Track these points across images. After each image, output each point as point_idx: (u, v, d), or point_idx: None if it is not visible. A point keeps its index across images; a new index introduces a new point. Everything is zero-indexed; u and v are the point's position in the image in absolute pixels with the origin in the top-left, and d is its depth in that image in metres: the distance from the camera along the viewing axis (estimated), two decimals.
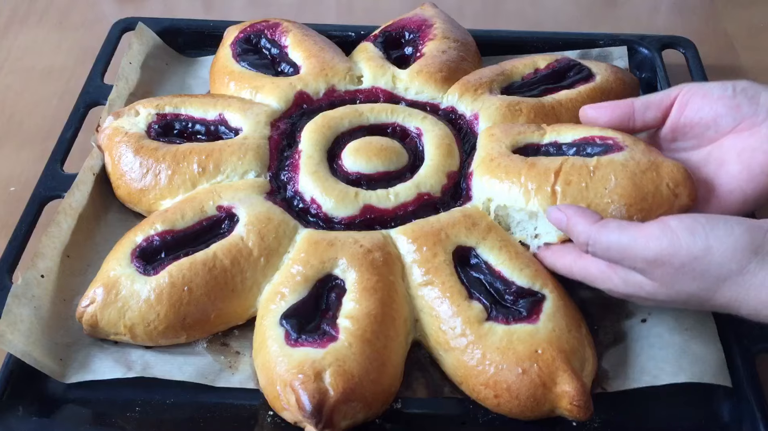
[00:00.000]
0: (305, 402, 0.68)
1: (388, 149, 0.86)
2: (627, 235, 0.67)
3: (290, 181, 0.86)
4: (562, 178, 0.78)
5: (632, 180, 0.76)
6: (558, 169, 0.78)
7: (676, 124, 0.81)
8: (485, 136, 0.87)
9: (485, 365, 0.72)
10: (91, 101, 0.99)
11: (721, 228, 0.64)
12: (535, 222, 0.79)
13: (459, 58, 0.97)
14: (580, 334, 0.74)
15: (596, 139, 0.82)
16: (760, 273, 0.63)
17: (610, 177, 0.77)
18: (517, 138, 0.84)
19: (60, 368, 0.75)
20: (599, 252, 0.70)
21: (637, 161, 0.78)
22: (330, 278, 0.78)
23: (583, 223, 0.71)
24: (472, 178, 0.83)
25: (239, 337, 0.79)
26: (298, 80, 0.95)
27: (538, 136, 0.84)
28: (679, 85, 0.82)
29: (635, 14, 1.29)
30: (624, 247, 0.68)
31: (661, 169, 0.77)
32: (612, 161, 0.78)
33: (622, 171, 0.77)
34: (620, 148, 0.80)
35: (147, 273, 0.78)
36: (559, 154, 0.82)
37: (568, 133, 0.84)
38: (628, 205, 0.76)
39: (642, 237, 0.66)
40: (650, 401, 0.75)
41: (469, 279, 0.77)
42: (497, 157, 0.82)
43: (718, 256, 0.63)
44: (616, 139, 0.81)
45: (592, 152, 0.81)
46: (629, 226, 0.68)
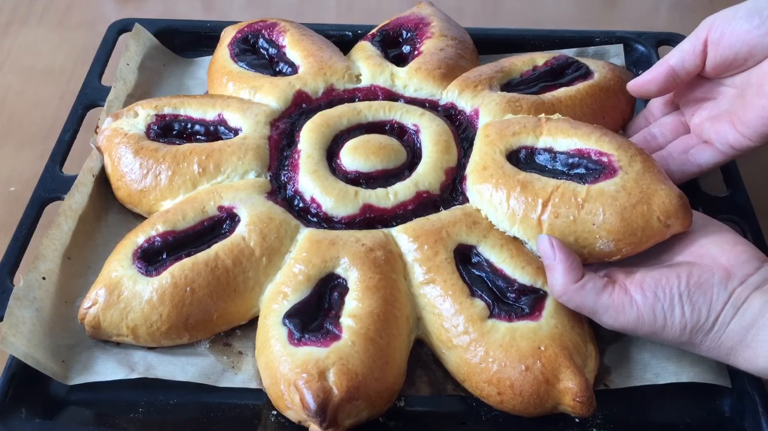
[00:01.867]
0: (309, 401, 0.68)
1: (386, 147, 0.86)
2: (601, 303, 0.71)
3: (290, 181, 0.86)
4: (550, 209, 0.77)
5: (621, 215, 0.75)
6: (547, 198, 0.77)
7: (714, 62, 0.83)
8: (481, 136, 0.86)
9: (488, 362, 0.72)
10: (89, 102, 0.99)
11: (677, 309, 0.70)
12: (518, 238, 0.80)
13: (457, 55, 0.98)
14: (583, 331, 0.75)
15: (591, 153, 0.80)
16: (705, 344, 0.71)
17: (598, 211, 0.75)
18: (511, 140, 0.83)
19: (62, 370, 0.75)
20: (570, 306, 0.73)
21: (628, 192, 0.75)
22: (332, 277, 0.78)
23: (565, 278, 0.72)
24: (465, 182, 0.84)
25: (242, 337, 0.79)
26: (296, 80, 0.95)
27: (533, 138, 0.83)
28: (703, 24, 0.83)
29: (635, 14, 1.29)
30: (596, 313, 0.72)
31: (652, 202, 0.75)
32: (602, 193, 0.76)
33: (611, 205, 0.75)
34: (614, 170, 0.78)
35: (149, 274, 0.77)
36: (552, 168, 0.81)
37: (564, 139, 0.82)
38: (617, 239, 0.75)
39: (612, 310, 0.71)
40: (652, 397, 0.75)
41: (471, 277, 0.77)
42: (491, 166, 0.82)
43: (671, 333, 0.71)
44: (612, 157, 0.79)
45: (584, 174, 0.79)
46: (603, 293, 0.72)
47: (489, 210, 0.80)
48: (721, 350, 0.70)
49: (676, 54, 0.84)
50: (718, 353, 0.71)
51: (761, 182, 0.96)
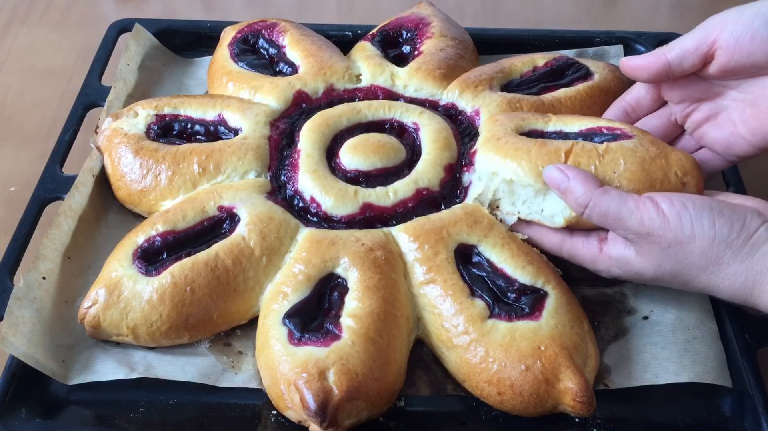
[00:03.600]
0: (309, 401, 0.68)
1: (386, 145, 0.86)
2: (626, 207, 0.71)
3: (290, 180, 0.86)
4: (571, 158, 0.78)
5: (641, 165, 0.77)
6: (569, 149, 0.78)
7: (725, 66, 0.80)
8: (489, 122, 0.87)
9: (488, 362, 0.72)
10: (89, 103, 0.99)
11: (706, 219, 0.69)
12: (542, 200, 0.79)
13: (457, 55, 0.98)
14: (583, 330, 0.75)
15: (603, 129, 0.82)
16: (732, 265, 0.69)
17: (619, 161, 0.77)
18: (521, 123, 0.85)
19: (62, 370, 0.75)
20: (595, 215, 0.73)
21: (646, 148, 0.78)
22: (332, 277, 0.78)
23: (586, 186, 0.73)
24: (475, 155, 0.84)
25: (242, 337, 0.79)
26: (296, 80, 0.95)
27: (543, 123, 0.85)
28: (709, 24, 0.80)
29: (635, 14, 1.29)
30: (621, 217, 0.71)
31: (669, 157, 0.78)
32: (621, 146, 0.78)
33: (632, 156, 0.77)
34: (628, 136, 0.80)
35: (149, 274, 0.77)
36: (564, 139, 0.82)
37: (574, 123, 0.84)
38: (636, 189, 0.76)
39: (638, 212, 0.71)
40: (653, 397, 0.75)
41: (471, 277, 0.77)
42: (503, 136, 0.82)
43: (699, 245, 0.69)
44: (624, 129, 0.82)
45: (600, 140, 0.81)
46: (629, 198, 0.72)
47: (507, 169, 0.80)
48: (747, 278, 0.68)
49: (677, 50, 0.82)
50: (742, 282, 0.69)
51: (761, 184, 0.96)
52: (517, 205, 0.81)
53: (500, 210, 0.81)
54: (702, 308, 0.80)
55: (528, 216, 0.80)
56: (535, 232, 0.80)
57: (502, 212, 0.81)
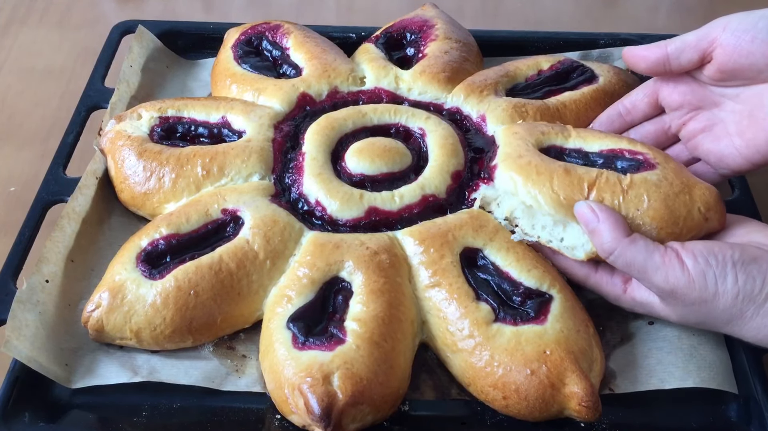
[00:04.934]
0: (314, 406, 0.68)
1: (392, 150, 0.86)
2: (652, 262, 0.70)
3: (294, 183, 0.85)
4: (595, 192, 0.76)
5: (665, 202, 0.75)
6: (592, 181, 0.77)
7: (723, 67, 0.79)
8: (507, 134, 0.85)
9: (493, 366, 0.72)
10: (92, 105, 0.98)
11: (729, 276, 0.69)
12: (561, 230, 0.77)
13: (461, 58, 0.98)
14: (588, 335, 0.74)
15: (625, 152, 0.81)
16: (756, 319, 0.69)
17: (643, 197, 0.76)
18: (541, 138, 0.83)
19: (66, 373, 0.75)
20: (620, 264, 0.72)
21: (670, 182, 0.76)
22: (336, 280, 0.77)
23: (615, 233, 0.72)
24: (495, 171, 0.82)
25: (245, 341, 0.79)
26: (300, 82, 0.95)
27: (563, 138, 0.83)
28: (714, 23, 0.80)
29: (635, 14, 1.29)
30: (646, 271, 0.71)
31: (693, 192, 0.76)
32: (645, 180, 0.77)
33: (656, 192, 0.76)
34: (652, 165, 0.79)
35: (152, 277, 0.77)
36: (585, 164, 0.81)
37: (594, 141, 0.82)
38: (659, 227, 0.75)
39: (663, 268, 0.70)
40: (658, 401, 0.75)
41: (477, 280, 0.77)
42: (525, 154, 0.80)
43: (722, 302, 0.69)
44: (647, 155, 0.80)
45: (622, 167, 0.80)
46: (655, 251, 0.71)
47: (527, 194, 0.78)
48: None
49: (677, 43, 0.81)
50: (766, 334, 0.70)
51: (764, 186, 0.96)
52: (536, 229, 0.78)
53: (519, 228, 0.79)
54: None
55: (548, 243, 0.78)
56: (561, 262, 0.79)
57: (521, 233, 0.79)
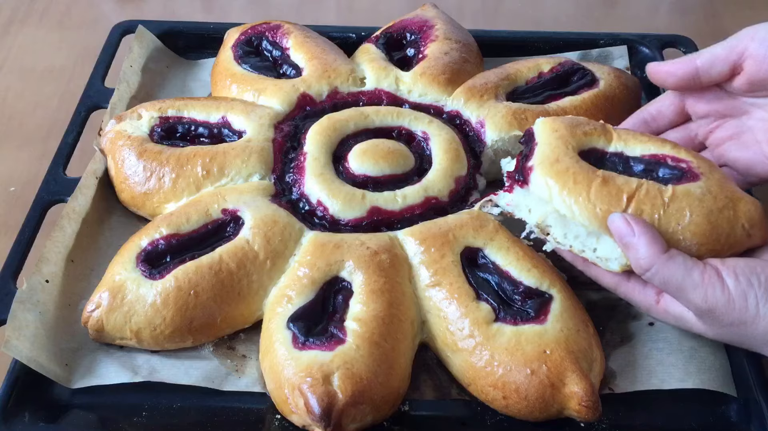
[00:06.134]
0: (314, 406, 0.68)
1: (396, 152, 0.86)
2: (690, 279, 0.68)
3: (296, 184, 0.85)
4: (634, 205, 0.72)
5: (708, 218, 0.71)
6: (632, 193, 0.72)
7: (755, 77, 0.78)
8: (547, 130, 0.78)
9: (493, 366, 0.72)
10: (92, 105, 0.98)
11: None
12: (595, 241, 0.73)
13: (461, 59, 0.97)
14: (588, 334, 0.74)
15: (668, 159, 0.76)
16: None
17: (685, 212, 0.71)
18: (583, 140, 0.78)
19: (66, 373, 0.75)
20: (656, 281, 0.70)
21: (714, 196, 0.72)
22: (337, 280, 0.78)
23: (651, 249, 0.69)
24: (531, 174, 0.76)
25: (245, 341, 0.79)
26: (300, 82, 0.95)
27: (604, 141, 0.78)
28: (742, 34, 0.78)
29: (635, 14, 1.29)
30: (684, 289, 0.68)
31: (738, 208, 0.72)
32: (688, 193, 0.72)
33: (699, 207, 0.71)
34: (695, 176, 0.74)
35: (152, 277, 0.77)
36: (626, 170, 0.76)
37: (636, 145, 0.77)
38: (700, 244, 0.71)
39: (702, 287, 0.68)
40: (658, 402, 0.75)
41: (477, 280, 0.77)
42: (564, 159, 0.75)
43: (763, 325, 0.67)
44: (691, 164, 0.75)
45: (664, 176, 0.75)
46: (693, 269, 0.68)
47: (563, 203, 0.74)
48: None
49: (706, 55, 0.79)
50: None
51: None
52: (569, 238, 0.74)
53: (550, 237, 0.75)
54: None
55: (580, 253, 0.74)
56: (591, 270, 0.76)
57: (553, 241, 0.75)
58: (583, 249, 0.74)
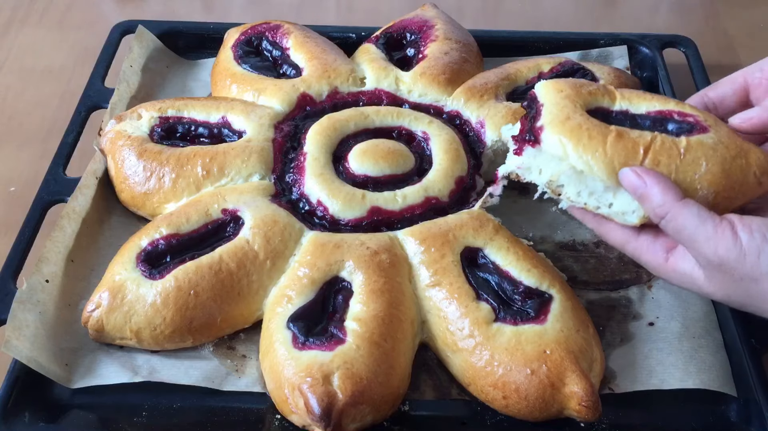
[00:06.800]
0: (314, 406, 0.68)
1: (396, 152, 0.86)
2: (704, 229, 0.66)
3: (296, 184, 0.85)
4: (650, 157, 0.71)
5: (722, 167, 0.71)
6: (647, 146, 0.71)
7: None
8: (552, 91, 0.76)
9: (493, 366, 0.72)
10: (92, 105, 0.98)
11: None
12: (611, 196, 0.72)
13: (461, 59, 0.97)
14: (588, 334, 0.74)
15: (674, 114, 0.75)
16: None
17: (700, 161, 0.71)
18: (588, 99, 0.76)
19: (66, 373, 0.75)
20: (670, 229, 0.68)
21: (726, 146, 0.72)
22: (337, 280, 0.78)
23: (665, 196, 0.68)
24: (542, 133, 0.74)
25: (245, 341, 0.79)
26: (300, 82, 0.95)
27: (609, 100, 0.77)
28: None
29: (635, 14, 1.29)
30: (696, 239, 0.66)
31: (749, 156, 0.72)
32: (702, 144, 0.71)
33: (713, 156, 0.71)
34: (704, 128, 0.73)
35: (152, 277, 0.77)
36: (633, 127, 0.75)
37: (641, 103, 0.76)
38: (716, 192, 0.71)
39: (715, 238, 0.65)
40: (658, 402, 0.75)
41: (477, 280, 0.77)
42: (574, 116, 0.73)
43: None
44: (697, 117, 0.74)
45: (673, 130, 0.74)
46: (708, 219, 0.66)
47: (579, 159, 0.72)
48: None
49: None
50: None
51: None
52: (582, 195, 0.73)
53: (563, 196, 0.74)
54: (708, 318, 0.80)
55: (595, 209, 0.73)
56: (600, 226, 0.74)
57: (565, 200, 0.74)
58: (599, 206, 0.73)
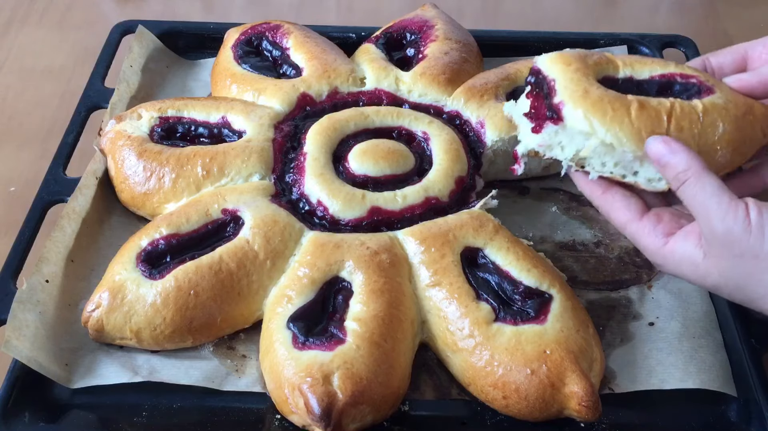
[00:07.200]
0: (314, 406, 0.68)
1: (396, 152, 0.86)
2: (719, 199, 0.65)
3: (296, 184, 0.85)
4: (674, 123, 0.72)
5: (736, 125, 0.73)
6: (669, 113, 0.72)
7: None
8: (560, 64, 0.76)
9: (493, 366, 0.72)
10: (92, 105, 0.98)
11: None
12: (638, 165, 0.73)
13: (461, 59, 0.97)
14: (588, 334, 0.74)
15: (677, 77, 0.76)
16: None
17: (717, 123, 0.72)
18: (596, 69, 0.76)
19: (66, 373, 0.75)
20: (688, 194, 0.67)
21: (735, 104, 0.74)
22: (337, 280, 0.78)
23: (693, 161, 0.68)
24: (563, 109, 0.74)
25: (245, 341, 0.79)
26: (300, 82, 0.95)
27: (613, 68, 0.77)
28: None
29: (635, 14, 1.29)
30: (709, 207, 0.66)
31: (755, 111, 0.74)
32: (715, 105, 0.73)
33: (727, 116, 0.73)
34: (709, 89, 0.75)
35: (152, 277, 0.77)
36: (640, 92, 0.75)
37: (643, 68, 0.77)
38: (733, 149, 0.73)
39: (727, 209, 0.65)
40: (658, 401, 0.75)
41: (477, 280, 0.77)
42: (592, 90, 0.73)
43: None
44: (699, 77, 0.76)
45: (681, 93, 0.75)
46: (726, 193, 0.66)
47: (607, 133, 0.72)
48: None
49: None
50: None
51: None
52: (608, 165, 0.74)
53: (588, 167, 0.74)
54: (708, 318, 0.80)
55: (622, 177, 0.74)
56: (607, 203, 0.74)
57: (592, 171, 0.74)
58: (625, 174, 0.74)
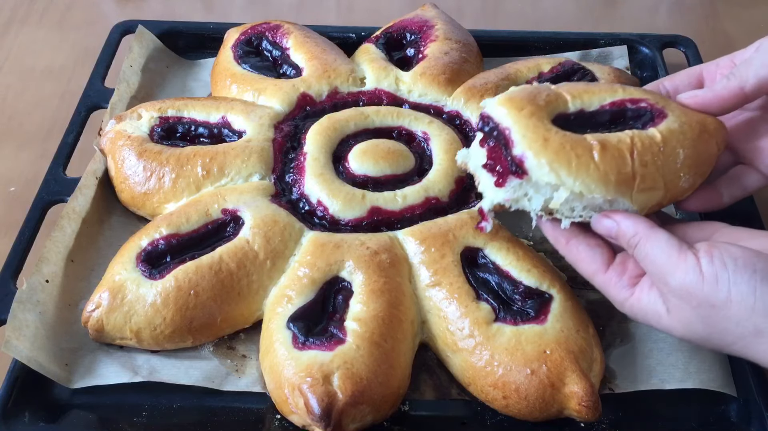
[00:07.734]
0: (314, 406, 0.68)
1: (396, 152, 0.86)
2: (668, 254, 0.65)
3: (295, 184, 0.85)
4: (637, 159, 0.70)
5: (695, 148, 0.71)
6: (630, 148, 0.70)
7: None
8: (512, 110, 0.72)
9: (493, 366, 0.72)
10: (92, 105, 0.98)
11: (745, 284, 0.62)
12: (608, 206, 0.71)
13: (461, 59, 0.97)
14: (588, 334, 0.74)
15: (627, 102, 0.74)
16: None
17: (677, 150, 0.71)
18: (548, 110, 0.73)
19: (66, 373, 0.75)
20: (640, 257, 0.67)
21: (690, 125, 0.72)
22: (337, 280, 0.78)
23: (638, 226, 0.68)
24: (525, 162, 0.70)
25: (245, 341, 0.79)
26: (300, 82, 0.95)
27: (563, 104, 0.74)
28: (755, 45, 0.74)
29: (635, 14, 1.29)
30: (660, 264, 0.66)
31: (709, 129, 0.73)
32: (672, 132, 0.71)
33: (684, 140, 0.71)
34: (661, 112, 0.73)
35: (152, 277, 0.77)
36: (594, 124, 0.73)
37: (592, 98, 0.74)
38: (695, 171, 0.72)
39: (677, 263, 0.64)
40: (658, 401, 0.75)
41: (477, 280, 0.77)
42: (551, 137, 0.70)
43: (735, 312, 0.62)
44: (648, 100, 0.74)
45: (633, 118, 0.73)
46: (674, 246, 0.66)
47: (575, 182, 0.69)
48: None
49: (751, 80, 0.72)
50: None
51: None
52: (576, 210, 0.71)
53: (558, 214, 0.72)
54: None
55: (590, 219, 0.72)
56: (571, 254, 0.73)
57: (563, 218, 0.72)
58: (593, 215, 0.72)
